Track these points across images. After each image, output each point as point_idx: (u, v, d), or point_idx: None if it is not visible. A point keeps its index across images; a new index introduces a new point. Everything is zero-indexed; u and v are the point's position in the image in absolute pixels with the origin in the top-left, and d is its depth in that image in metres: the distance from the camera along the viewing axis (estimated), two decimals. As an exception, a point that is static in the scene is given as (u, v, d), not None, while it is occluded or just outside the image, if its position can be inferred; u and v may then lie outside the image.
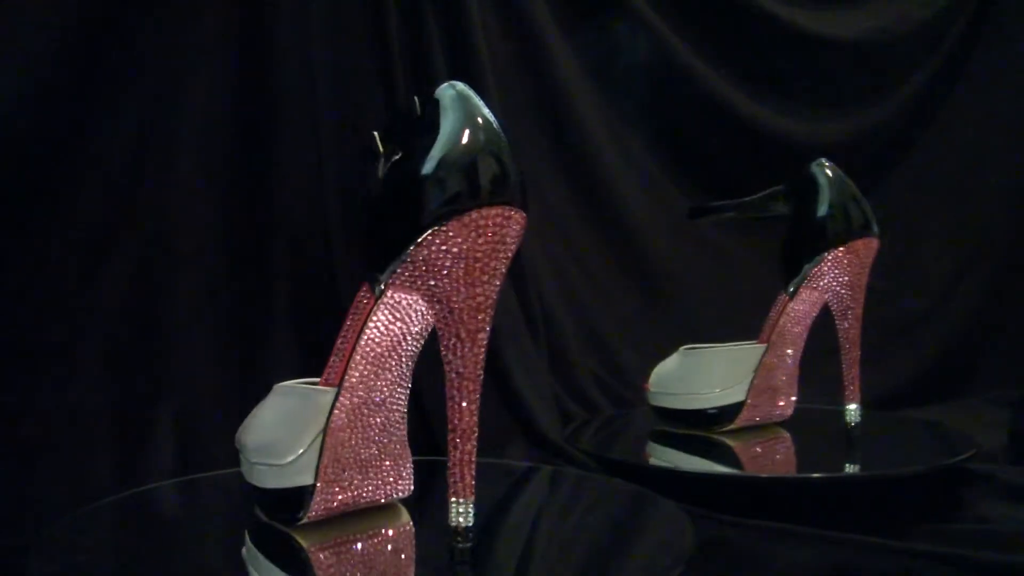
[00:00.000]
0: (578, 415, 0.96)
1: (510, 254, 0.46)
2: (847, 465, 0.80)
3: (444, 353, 0.47)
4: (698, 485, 0.70)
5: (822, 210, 0.81)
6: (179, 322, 0.77)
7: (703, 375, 0.82)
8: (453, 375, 0.46)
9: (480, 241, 0.45)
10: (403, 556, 0.50)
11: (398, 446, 0.52)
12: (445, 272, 0.45)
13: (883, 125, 1.29)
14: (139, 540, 0.54)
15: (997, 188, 1.31)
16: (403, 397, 0.52)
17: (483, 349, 0.47)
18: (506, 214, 0.45)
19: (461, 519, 0.46)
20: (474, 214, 0.44)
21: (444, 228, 0.45)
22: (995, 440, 0.88)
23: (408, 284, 0.47)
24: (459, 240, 0.45)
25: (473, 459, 0.47)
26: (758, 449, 0.79)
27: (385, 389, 0.50)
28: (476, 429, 0.47)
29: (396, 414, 0.51)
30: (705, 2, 1.18)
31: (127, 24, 0.74)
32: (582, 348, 1.05)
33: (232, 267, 0.80)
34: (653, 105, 1.16)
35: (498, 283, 0.46)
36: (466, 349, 0.46)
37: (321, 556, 0.48)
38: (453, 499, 0.47)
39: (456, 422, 0.47)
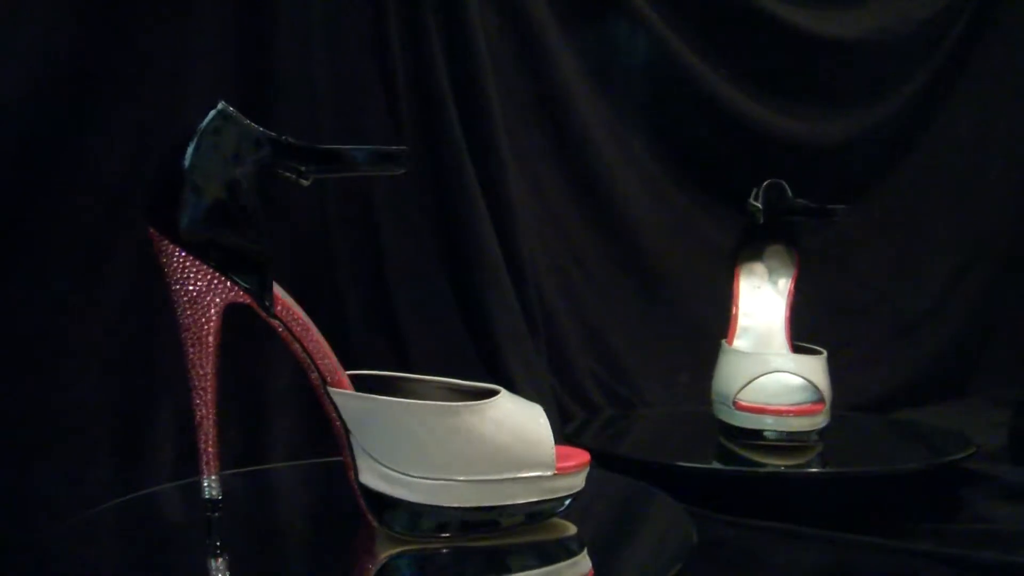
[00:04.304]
0: (578, 414, 0.96)
1: (171, 280, 0.49)
2: (846, 464, 0.80)
3: None
4: (698, 483, 0.70)
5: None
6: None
7: (824, 380, 0.78)
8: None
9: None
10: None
11: None
12: None
13: (883, 125, 1.29)
14: (139, 541, 0.54)
15: (997, 188, 1.31)
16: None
17: (199, 367, 0.52)
18: (155, 238, 0.47)
19: (213, 492, 0.49)
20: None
21: None
22: (995, 440, 0.88)
23: None
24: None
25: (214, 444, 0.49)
26: (759, 448, 0.79)
27: None
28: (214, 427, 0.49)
29: None
30: (705, 2, 1.18)
31: (127, 24, 0.74)
32: (582, 348, 1.05)
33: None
34: (653, 105, 1.16)
35: (180, 308, 0.50)
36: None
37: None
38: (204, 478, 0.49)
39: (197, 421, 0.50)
